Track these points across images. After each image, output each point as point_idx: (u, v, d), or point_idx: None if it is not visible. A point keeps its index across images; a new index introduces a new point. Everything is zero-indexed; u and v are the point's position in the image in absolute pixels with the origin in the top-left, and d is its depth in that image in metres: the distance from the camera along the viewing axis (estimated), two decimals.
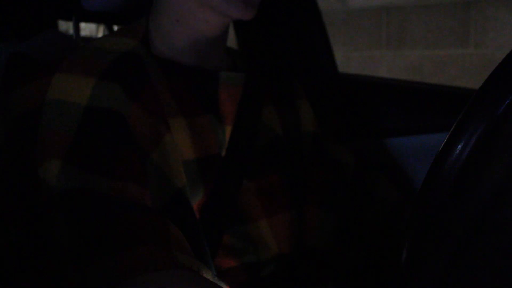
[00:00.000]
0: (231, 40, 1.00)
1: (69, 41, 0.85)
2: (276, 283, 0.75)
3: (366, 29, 2.71)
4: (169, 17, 0.71)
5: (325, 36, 1.20)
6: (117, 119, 0.60)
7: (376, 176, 0.88)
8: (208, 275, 0.55)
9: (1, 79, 0.71)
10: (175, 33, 0.71)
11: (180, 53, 0.72)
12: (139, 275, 0.50)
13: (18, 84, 0.63)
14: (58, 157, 0.56)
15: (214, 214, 0.69)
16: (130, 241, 0.52)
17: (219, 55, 0.76)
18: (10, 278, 0.53)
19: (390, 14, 2.63)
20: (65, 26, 1.98)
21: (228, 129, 0.73)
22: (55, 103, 0.59)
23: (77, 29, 1.08)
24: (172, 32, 0.71)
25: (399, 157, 1.10)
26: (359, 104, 1.15)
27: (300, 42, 1.17)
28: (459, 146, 0.39)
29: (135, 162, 0.59)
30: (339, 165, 0.87)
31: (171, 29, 0.71)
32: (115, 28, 1.40)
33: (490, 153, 0.39)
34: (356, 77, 1.32)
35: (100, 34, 2.24)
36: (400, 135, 1.10)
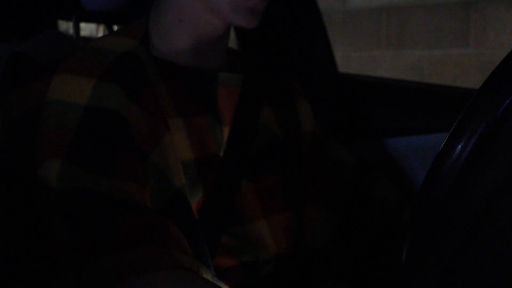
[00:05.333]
0: (231, 40, 1.00)
1: (69, 41, 0.85)
2: (275, 282, 0.75)
3: (366, 29, 2.71)
4: (172, 17, 0.71)
5: (325, 36, 1.20)
6: (117, 119, 0.60)
7: (376, 176, 0.88)
8: (208, 275, 0.55)
9: (1, 79, 0.71)
10: (177, 33, 0.71)
11: (180, 53, 0.72)
12: (138, 275, 0.50)
13: (18, 84, 0.63)
14: (58, 157, 0.56)
15: (213, 214, 0.69)
16: (130, 241, 0.52)
17: (218, 56, 0.76)
18: (10, 278, 0.53)
19: (390, 14, 2.63)
20: (65, 26, 1.98)
21: (226, 130, 0.73)
22: (55, 103, 0.59)
23: (77, 29, 1.08)
24: (174, 32, 0.71)
25: (399, 157, 1.10)
26: (359, 104, 1.15)
27: (300, 42, 1.17)
28: (459, 146, 0.39)
29: (134, 162, 0.59)
30: (338, 165, 0.87)
31: (174, 28, 0.71)
32: (115, 28, 1.39)
33: (490, 153, 0.39)
34: (356, 77, 1.32)
35: (100, 34, 2.24)
36: (400, 135, 1.10)
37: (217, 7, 0.68)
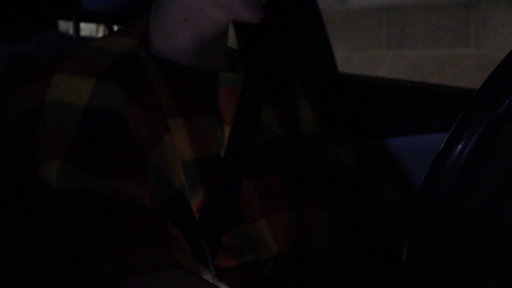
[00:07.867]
0: (231, 40, 1.00)
1: (69, 41, 0.85)
2: (276, 282, 0.75)
3: (366, 29, 2.71)
4: (176, 16, 0.71)
5: (325, 36, 1.19)
6: (117, 119, 0.60)
7: (376, 176, 0.88)
8: (208, 276, 0.55)
9: (1, 79, 0.71)
10: (180, 32, 0.71)
11: (181, 53, 0.72)
12: (138, 276, 0.50)
13: (18, 84, 0.63)
14: (58, 157, 0.56)
15: (213, 214, 0.69)
16: (130, 242, 0.52)
17: (219, 55, 0.76)
18: (10, 278, 0.53)
19: (390, 14, 2.63)
20: (65, 26, 1.98)
21: (227, 129, 0.73)
22: (54, 103, 0.59)
23: (77, 29, 1.08)
24: (177, 32, 0.71)
25: (399, 157, 1.10)
26: (359, 104, 1.15)
27: (300, 42, 1.17)
28: (459, 146, 0.39)
29: (134, 163, 0.59)
30: (339, 165, 0.87)
31: (177, 28, 0.71)
32: (115, 28, 1.39)
33: (490, 153, 0.39)
34: (356, 77, 1.32)
35: (100, 34, 2.24)
36: (400, 135, 1.10)
37: (229, 4, 0.69)
